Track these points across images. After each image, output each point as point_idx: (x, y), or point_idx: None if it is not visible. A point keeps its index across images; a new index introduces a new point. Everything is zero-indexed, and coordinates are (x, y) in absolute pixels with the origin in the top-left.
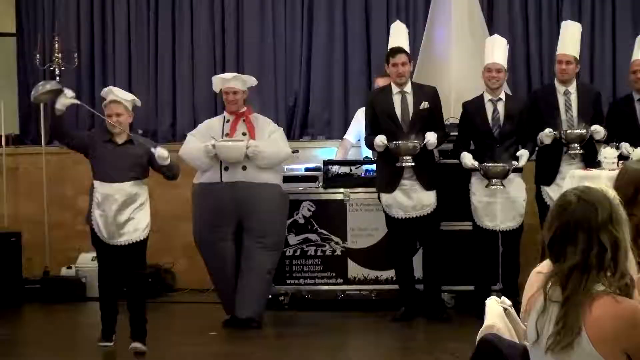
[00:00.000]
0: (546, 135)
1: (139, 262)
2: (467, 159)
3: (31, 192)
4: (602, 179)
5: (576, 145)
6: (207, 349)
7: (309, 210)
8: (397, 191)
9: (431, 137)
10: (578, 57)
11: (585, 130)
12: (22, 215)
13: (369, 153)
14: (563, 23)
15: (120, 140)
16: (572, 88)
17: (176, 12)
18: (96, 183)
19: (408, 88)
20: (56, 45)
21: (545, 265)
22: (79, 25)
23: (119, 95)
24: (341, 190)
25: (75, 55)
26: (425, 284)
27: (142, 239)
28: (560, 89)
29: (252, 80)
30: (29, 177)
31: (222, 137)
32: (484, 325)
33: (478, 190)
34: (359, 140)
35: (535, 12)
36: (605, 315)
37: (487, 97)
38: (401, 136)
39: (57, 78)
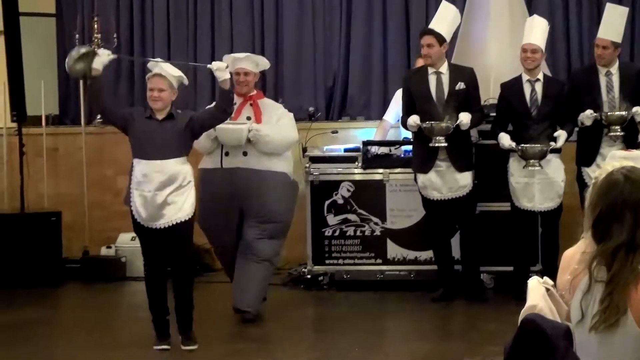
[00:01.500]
0: (587, 116)
1: (183, 247)
2: (505, 139)
3: (71, 172)
4: None
5: (617, 127)
6: (246, 329)
7: (348, 190)
8: (431, 172)
9: (464, 118)
10: (619, 41)
11: (626, 112)
12: (62, 196)
13: (408, 134)
14: (608, 5)
15: (160, 116)
16: (614, 69)
17: None
18: (135, 161)
19: (444, 68)
20: (95, 26)
21: (579, 246)
22: (118, 6)
23: (164, 69)
24: (380, 170)
25: (114, 35)
26: (463, 265)
27: (184, 220)
28: (601, 69)
29: (264, 63)
30: (69, 158)
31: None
32: (526, 306)
33: (516, 171)
34: (398, 120)
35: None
36: None
37: (525, 77)
38: (436, 116)
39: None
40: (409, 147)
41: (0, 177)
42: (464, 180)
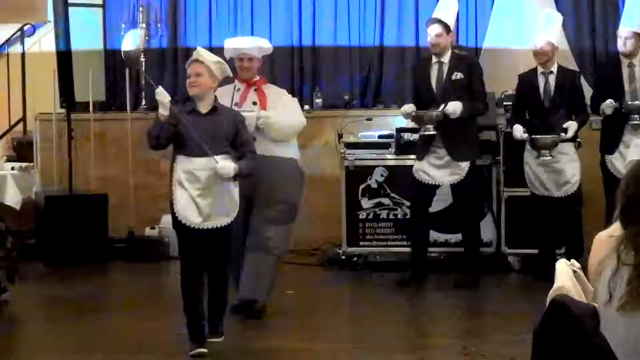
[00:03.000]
0: (607, 105)
1: (225, 247)
2: (518, 131)
3: (117, 156)
4: None
5: (636, 116)
6: (282, 308)
7: (381, 175)
8: (424, 160)
9: (450, 107)
10: None
11: None
12: (108, 178)
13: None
14: None
15: (204, 109)
16: (637, 60)
17: None
18: (179, 158)
19: (446, 58)
20: (141, 16)
21: (609, 231)
22: None
23: (202, 55)
24: (412, 156)
25: (159, 24)
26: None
27: (229, 222)
28: (624, 61)
29: (267, 47)
30: (116, 142)
31: (232, 107)
32: (554, 287)
33: (530, 160)
34: None
35: None
36: None
37: (539, 69)
38: (434, 105)
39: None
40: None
41: (50, 161)
42: (459, 168)
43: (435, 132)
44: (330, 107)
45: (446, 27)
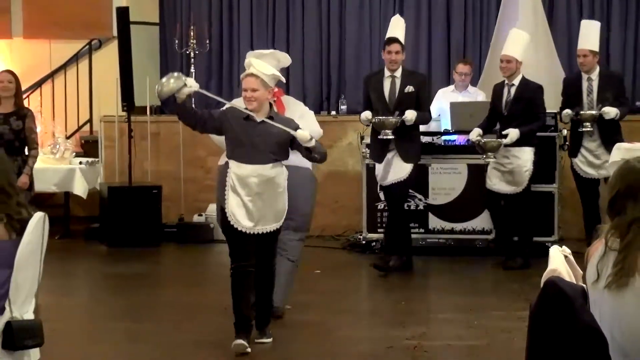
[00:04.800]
0: (565, 115)
1: (274, 251)
2: (473, 133)
3: (170, 153)
4: None
5: (587, 124)
6: (310, 286)
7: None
8: (384, 161)
9: (409, 114)
10: (596, 49)
11: (596, 112)
12: (162, 172)
13: (447, 126)
14: (582, 22)
15: (259, 117)
16: (594, 75)
17: (290, 7)
18: (231, 163)
19: (398, 73)
20: (191, 33)
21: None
22: (210, 16)
23: (257, 68)
24: (424, 156)
25: (207, 41)
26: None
27: (278, 228)
28: (584, 75)
29: (275, 73)
30: (169, 141)
31: None
32: (547, 269)
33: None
34: (439, 115)
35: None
36: None
37: (506, 81)
38: (387, 114)
39: (192, 60)
40: (448, 137)
41: (112, 157)
42: (406, 168)
43: (393, 137)
44: (353, 113)
45: (402, 45)
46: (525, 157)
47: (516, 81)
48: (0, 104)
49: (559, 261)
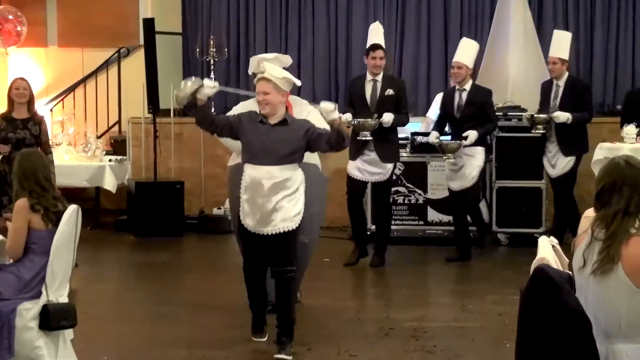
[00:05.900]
0: (524, 117)
1: (287, 256)
2: (431, 136)
3: (192, 151)
4: (624, 150)
5: (540, 126)
6: (319, 273)
7: (399, 169)
8: (358, 160)
9: (387, 117)
10: (566, 58)
11: (547, 116)
12: (185, 169)
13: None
14: (555, 31)
15: (273, 121)
16: (562, 82)
17: (302, 18)
18: (245, 165)
19: (379, 77)
20: (211, 42)
21: (591, 211)
22: (229, 27)
23: (268, 72)
24: (424, 154)
25: (226, 49)
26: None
27: (291, 229)
28: (554, 82)
29: (291, 78)
30: (190, 140)
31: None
32: (536, 258)
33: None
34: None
35: (573, 25)
36: (637, 251)
37: (457, 87)
38: (368, 115)
39: (212, 67)
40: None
41: (139, 155)
42: (384, 169)
43: (371, 138)
44: None
45: (385, 51)
46: (478, 156)
47: (467, 86)
48: (14, 110)
49: (547, 250)
